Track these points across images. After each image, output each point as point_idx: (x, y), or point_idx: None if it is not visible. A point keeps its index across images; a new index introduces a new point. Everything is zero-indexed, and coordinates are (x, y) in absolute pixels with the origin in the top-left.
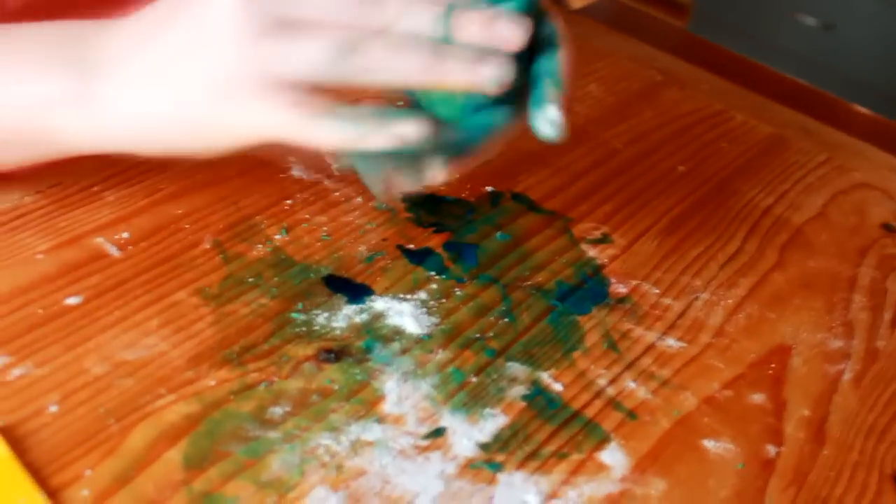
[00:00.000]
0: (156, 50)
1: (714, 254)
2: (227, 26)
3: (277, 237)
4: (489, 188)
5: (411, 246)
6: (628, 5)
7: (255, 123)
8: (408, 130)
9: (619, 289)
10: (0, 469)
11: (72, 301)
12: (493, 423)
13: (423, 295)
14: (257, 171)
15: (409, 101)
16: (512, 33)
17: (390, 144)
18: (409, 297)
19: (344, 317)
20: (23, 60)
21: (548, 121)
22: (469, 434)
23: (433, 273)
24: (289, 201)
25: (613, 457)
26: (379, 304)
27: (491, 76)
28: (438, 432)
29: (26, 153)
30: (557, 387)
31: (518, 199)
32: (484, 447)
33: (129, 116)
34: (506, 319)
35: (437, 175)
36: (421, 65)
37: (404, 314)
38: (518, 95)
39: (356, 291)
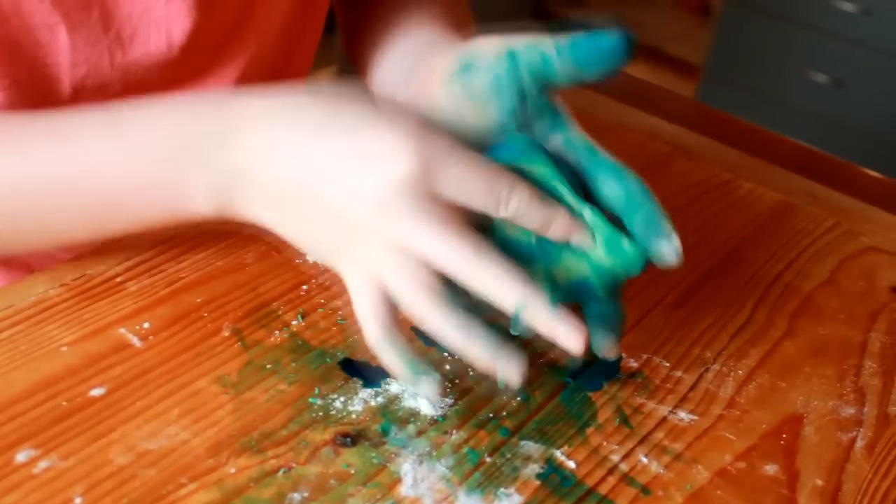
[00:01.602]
0: (294, 190)
1: (724, 324)
2: (394, 183)
3: (294, 323)
4: None
5: None
6: (634, 77)
7: (347, 282)
8: (426, 390)
9: (631, 363)
10: None
11: (95, 392)
12: (507, 502)
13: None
14: (274, 256)
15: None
16: (570, 341)
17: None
18: None
19: (360, 400)
20: (160, 173)
21: (673, 249)
22: None
23: (447, 354)
24: (305, 286)
25: None
26: (394, 386)
27: (501, 376)
28: None
29: (149, 226)
30: (571, 464)
31: None
32: None
33: (264, 219)
34: (519, 398)
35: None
36: (455, 338)
37: (419, 396)
38: None
39: (372, 375)
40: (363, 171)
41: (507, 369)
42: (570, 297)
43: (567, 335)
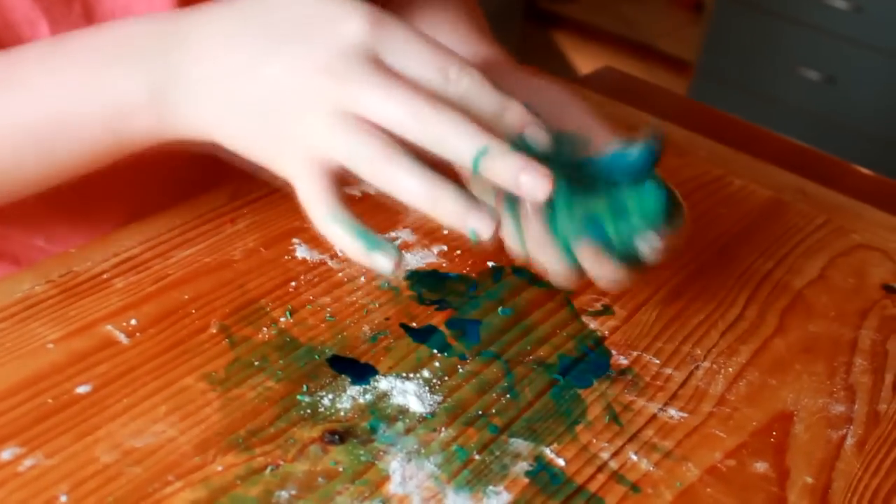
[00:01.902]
0: (232, 66)
1: (714, 321)
2: (341, 46)
3: (283, 320)
4: (491, 263)
5: (414, 324)
6: (626, 74)
7: (289, 171)
8: (381, 263)
9: (621, 360)
10: None
11: (81, 390)
12: (496, 500)
13: (426, 373)
14: (262, 253)
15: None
16: (535, 188)
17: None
18: (412, 375)
19: (348, 398)
20: (102, 65)
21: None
22: None
23: (436, 351)
24: (293, 283)
25: None
26: (383, 383)
27: (471, 228)
28: None
29: (95, 154)
30: (560, 462)
31: (519, 273)
32: None
33: (196, 125)
34: (508, 395)
35: None
36: (421, 193)
37: (408, 393)
38: None
39: (360, 372)
40: (309, 36)
41: (480, 222)
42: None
43: (532, 181)
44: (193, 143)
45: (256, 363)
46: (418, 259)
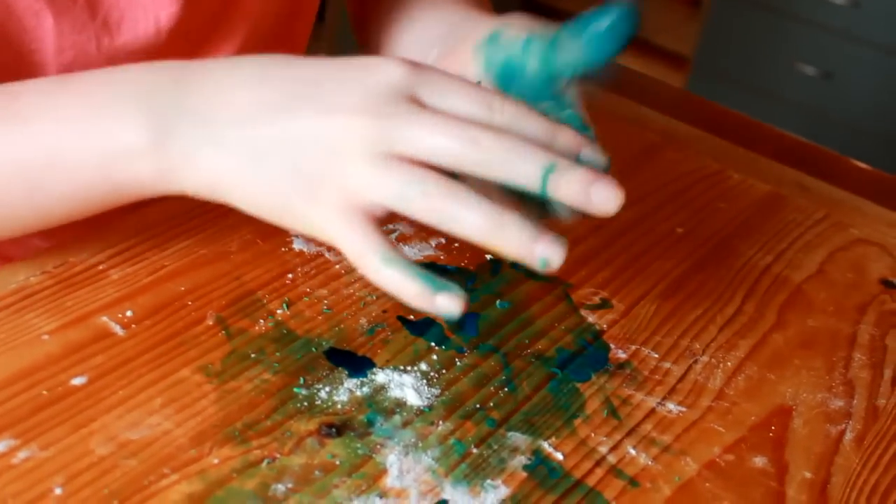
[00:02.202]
0: (252, 111)
1: (713, 316)
2: (380, 87)
3: (279, 312)
4: (489, 256)
5: (412, 317)
6: (624, 67)
7: (325, 227)
8: (446, 305)
9: (619, 354)
10: None
11: (77, 382)
12: (494, 494)
13: (423, 366)
14: (259, 245)
15: None
16: (607, 201)
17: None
18: (410, 368)
19: (345, 390)
20: (100, 109)
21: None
22: None
23: (434, 344)
24: (290, 275)
25: None
26: (380, 376)
27: (541, 257)
28: None
29: (90, 201)
30: (559, 456)
31: (517, 266)
32: None
33: (205, 174)
34: (506, 389)
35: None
36: (485, 226)
37: (405, 386)
38: None
39: (357, 364)
40: (343, 81)
41: (548, 249)
42: None
43: (604, 194)
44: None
45: (253, 355)
46: (416, 252)
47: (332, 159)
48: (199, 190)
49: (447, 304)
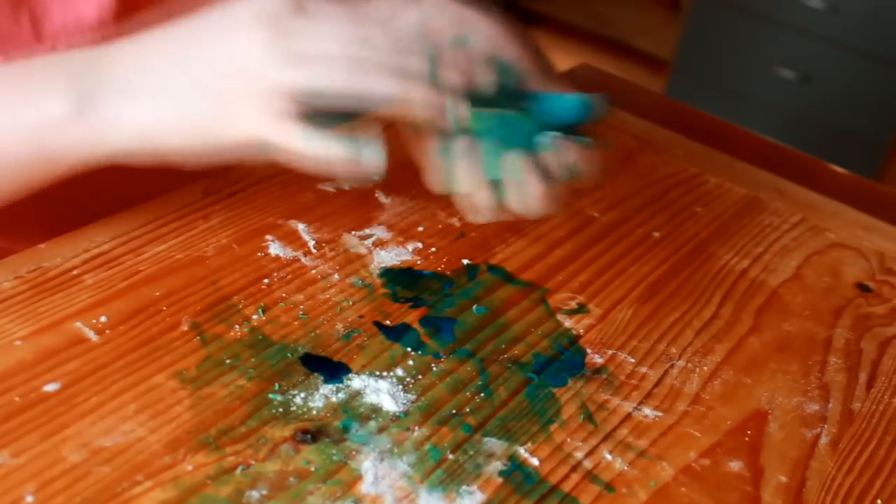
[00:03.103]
0: (162, 61)
1: (690, 320)
2: (247, 36)
3: (255, 317)
4: (466, 261)
5: (388, 322)
6: (603, 71)
7: (249, 129)
8: (372, 158)
9: (596, 359)
10: None
11: (50, 388)
12: (470, 500)
13: (399, 372)
14: (235, 250)
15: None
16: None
17: (351, 167)
18: (386, 374)
19: (321, 396)
20: (25, 87)
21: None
22: None
23: (410, 349)
24: (266, 280)
25: None
26: (356, 382)
27: (451, 112)
28: None
29: (28, 177)
30: (534, 461)
31: (494, 270)
32: None
33: (130, 126)
34: (482, 394)
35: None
36: (393, 85)
37: (381, 392)
38: None
39: (333, 370)
40: (233, 9)
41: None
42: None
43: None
44: (132, 158)
45: (228, 361)
46: (393, 256)
47: (241, 70)
48: (131, 144)
49: (372, 154)
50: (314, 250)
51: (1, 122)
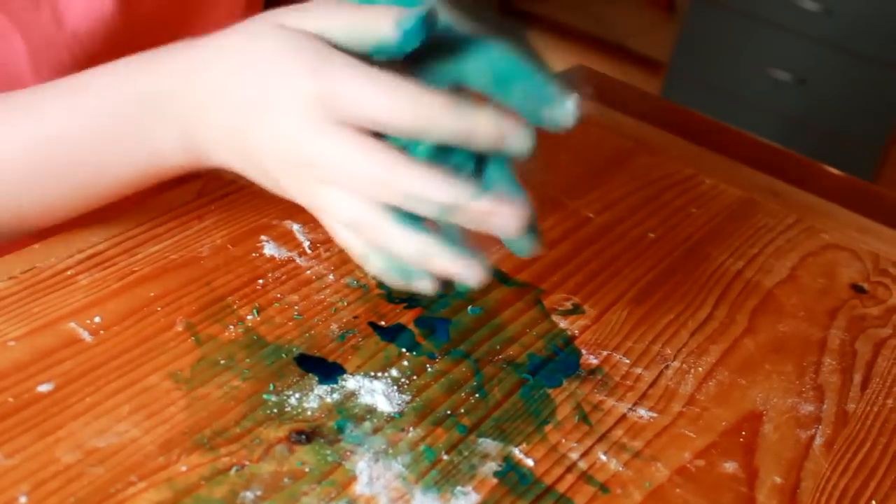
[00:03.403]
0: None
1: (685, 321)
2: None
3: (249, 318)
4: None
5: (383, 323)
6: (598, 72)
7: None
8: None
9: (591, 360)
10: None
11: (43, 388)
12: (464, 501)
13: (394, 372)
14: (230, 250)
15: None
16: (509, 223)
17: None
18: (380, 374)
19: (315, 397)
20: (131, 133)
21: (568, 113)
22: None
23: (405, 350)
24: (261, 281)
25: None
26: (351, 382)
27: (471, 279)
28: None
29: (120, 193)
30: (529, 462)
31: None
32: None
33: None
34: (477, 395)
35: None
36: (417, 251)
37: (376, 392)
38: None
39: (328, 371)
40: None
41: (469, 269)
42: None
43: (506, 218)
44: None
45: (222, 362)
46: None
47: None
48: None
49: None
50: (309, 251)
51: (112, 158)
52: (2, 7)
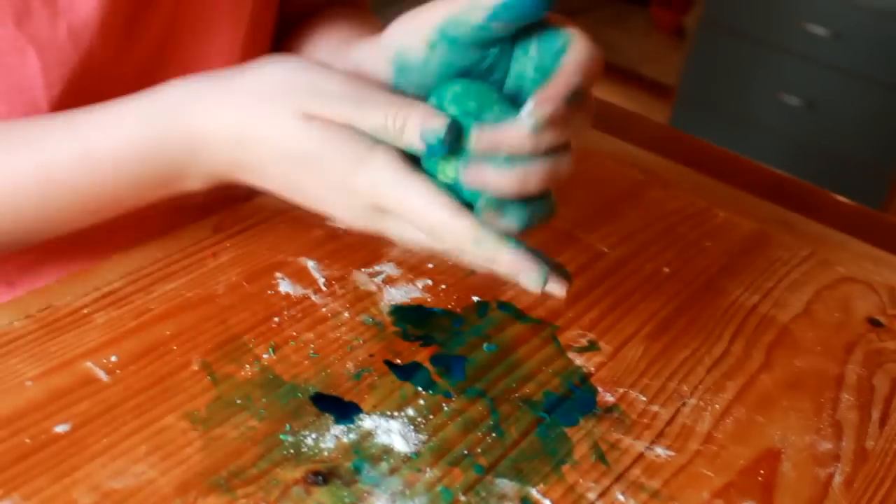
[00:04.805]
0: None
1: (701, 357)
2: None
3: (265, 356)
4: (476, 298)
5: (398, 361)
6: (607, 103)
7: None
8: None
9: (607, 397)
10: None
11: (60, 429)
12: None
13: (410, 411)
14: (245, 287)
15: None
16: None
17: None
18: (397, 414)
19: (332, 437)
20: (156, 178)
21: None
22: None
23: (421, 388)
24: (276, 318)
25: None
26: (367, 422)
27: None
28: None
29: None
30: (547, 502)
31: (505, 308)
32: None
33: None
34: (494, 434)
35: None
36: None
37: (392, 432)
38: None
39: (344, 410)
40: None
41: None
42: None
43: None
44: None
45: (239, 401)
46: (403, 294)
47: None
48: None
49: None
50: (324, 288)
51: (135, 193)
52: (17, 22)
